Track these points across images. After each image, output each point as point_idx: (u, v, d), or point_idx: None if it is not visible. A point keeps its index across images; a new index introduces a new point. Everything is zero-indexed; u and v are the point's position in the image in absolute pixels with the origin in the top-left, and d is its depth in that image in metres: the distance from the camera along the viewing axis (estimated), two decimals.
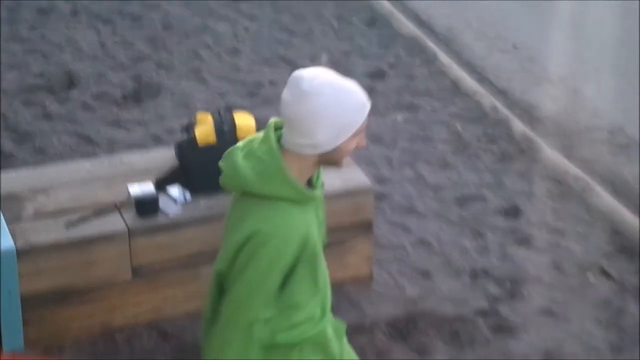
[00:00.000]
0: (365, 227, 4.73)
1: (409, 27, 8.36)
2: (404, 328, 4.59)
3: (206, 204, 4.43)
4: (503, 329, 4.61)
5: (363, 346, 4.40)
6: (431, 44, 7.99)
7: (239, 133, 4.39)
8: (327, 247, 4.61)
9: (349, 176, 4.73)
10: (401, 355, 4.42)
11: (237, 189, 2.75)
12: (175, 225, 4.36)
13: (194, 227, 4.38)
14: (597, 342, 4.54)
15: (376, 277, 4.93)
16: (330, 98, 2.60)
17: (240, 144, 2.78)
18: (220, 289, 2.81)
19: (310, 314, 2.84)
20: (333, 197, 4.56)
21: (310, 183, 2.80)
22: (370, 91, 7.19)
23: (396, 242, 5.31)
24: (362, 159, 5.94)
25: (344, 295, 4.73)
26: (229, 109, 4.62)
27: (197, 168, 4.42)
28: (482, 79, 7.44)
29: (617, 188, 5.96)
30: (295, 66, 7.61)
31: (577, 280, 5.02)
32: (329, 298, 2.96)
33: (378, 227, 5.22)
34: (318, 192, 2.78)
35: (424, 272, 5.04)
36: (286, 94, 2.65)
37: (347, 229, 4.68)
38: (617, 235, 5.42)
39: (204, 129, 4.42)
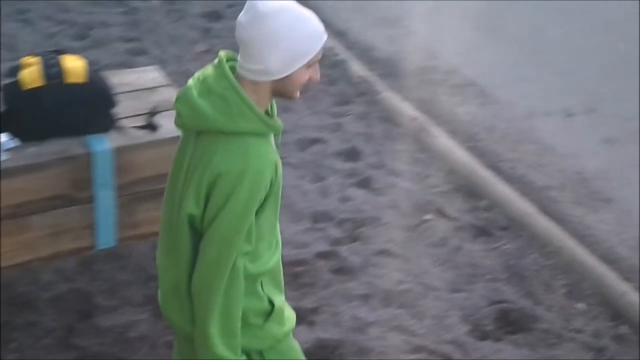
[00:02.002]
0: None
1: None
2: None
3: (35, 151, 4.22)
4: (343, 270, 4.62)
5: None
6: None
7: (67, 77, 4.20)
8: None
9: None
10: None
11: (197, 129, 2.65)
12: (1, 173, 4.15)
13: (22, 175, 4.17)
14: (434, 280, 4.61)
15: None
16: (285, 22, 2.53)
17: (190, 82, 2.66)
18: (191, 229, 2.73)
19: (269, 243, 2.82)
20: (169, 142, 4.42)
21: (267, 114, 2.73)
22: (206, 33, 7.06)
23: None
24: None
25: None
26: (58, 52, 4.40)
27: (24, 113, 4.20)
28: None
29: (453, 128, 6.05)
30: (128, 7, 7.38)
31: (414, 220, 5.08)
32: (278, 226, 2.91)
33: None
34: (280, 122, 2.72)
35: None
36: (241, 16, 2.57)
37: None
38: (453, 175, 5.50)
39: (30, 73, 4.19)
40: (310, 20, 2.60)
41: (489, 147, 5.87)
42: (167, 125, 4.48)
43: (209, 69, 2.66)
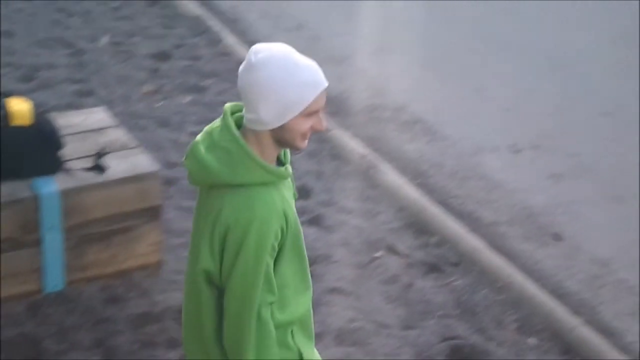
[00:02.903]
0: (154, 213, 4.60)
1: (191, 6, 8.23)
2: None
3: None
4: None
5: (154, 335, 4.28)
6: (215, 24, 7.91)
7: (12, 119, 4.16)
8: (114, 234, 4.49)
9: (135, 161, 4.58)
10: None
11: (206, 184, 2.67)
12: None
13: None
14: (386, 318, 4.61)
15: (166, 264, 4.81)
16: (274, 72, 2.52)
17: (199, 137, 2.67)
18: (210, 286, 2.72)
19: (296, 289, 2.79)
20: (118, 183, 4.41)
21: (279, 160, 2.74)
22: (155, 73, 7.05)
23: (187, 227, 5.19)
24: (149, 143, 5.79)
25: (133, 284, 4.59)
26: (3, 95, 4.36)
27: None
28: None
29: (402, 165, 6.08)
30: (74, 48, 7.35)
31: (365, 257, 5.08)
32: (308, 271, 2.88)
33: (167, 213, 5.10)
34: (289, 168, 2.72)
35: None
36: (240, 66, 2.59)
37: (134, 216, 4.53)
38: (403, 212, 5.52)
39: None
40: (303, 70, 2.56)
41: (439, 184, 5.91)
42: (115, 167, 4.46)
43: (216, 122, 2.67)
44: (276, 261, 2.67)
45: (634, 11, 8.62)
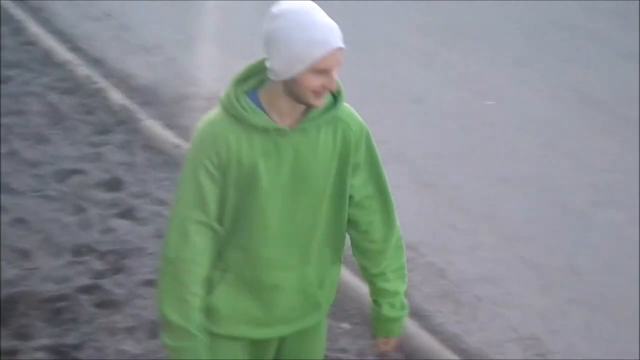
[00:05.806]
0: None
1: None
2: (2, 312, 4.34)
3: None
4: (107, 303, 4.51)
5: None
6: (19, 13, 7.66)
7: None
8: None
9: None
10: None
11: None
12: None
13: None
14: None
15: None
16: (286, 24, 2.58)
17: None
18: None
19: (228, 239, 2.76)
20: None
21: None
22: None
23: None
24: None
25: None
26: None
27: None
28: (74, 48, 7.24)
29: None
30: None
31: None
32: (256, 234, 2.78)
33: None
34: (270, 122, 2.69)
35: (22, 251, 4.81)
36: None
37: None
38: None
39: None
40: (316, 28, 2.61)
41: None
42: None
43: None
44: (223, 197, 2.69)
45: (433, 4, 8.89)
